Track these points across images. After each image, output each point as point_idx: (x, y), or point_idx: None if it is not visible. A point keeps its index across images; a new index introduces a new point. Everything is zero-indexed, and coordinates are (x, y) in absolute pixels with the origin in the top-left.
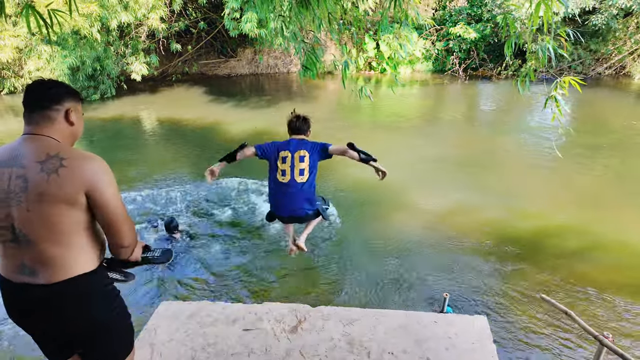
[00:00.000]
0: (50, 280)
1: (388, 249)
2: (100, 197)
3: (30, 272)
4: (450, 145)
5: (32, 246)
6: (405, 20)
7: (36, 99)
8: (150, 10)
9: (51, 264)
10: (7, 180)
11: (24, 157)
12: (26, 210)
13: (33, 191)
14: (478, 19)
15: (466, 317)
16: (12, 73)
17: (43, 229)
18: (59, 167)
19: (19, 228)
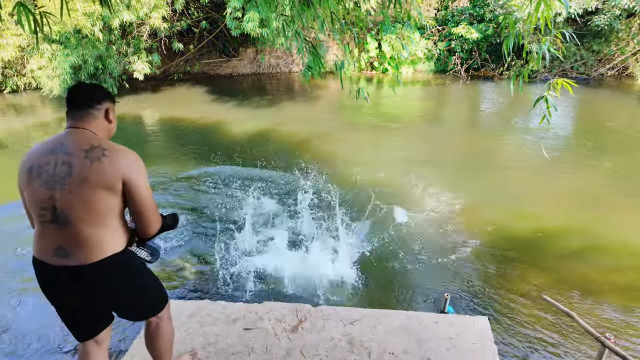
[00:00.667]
0: (86, 261)
1: (388, 249)
2: (134, 187)
3: (66, 254)
4: (452, 146)
5: (70, 227)
6: (408, 21)
7: (82, 99)
8: (152, 9)
9: (86, 245)
10: (53, 166)
11: (69, 146)
12: (69, 192)
13: (77, 176)
14: (480, 19)
15: (467, 318)
16: (14, 72)
17: (82, 211)
18: (101, 156)
19: (60, 209)
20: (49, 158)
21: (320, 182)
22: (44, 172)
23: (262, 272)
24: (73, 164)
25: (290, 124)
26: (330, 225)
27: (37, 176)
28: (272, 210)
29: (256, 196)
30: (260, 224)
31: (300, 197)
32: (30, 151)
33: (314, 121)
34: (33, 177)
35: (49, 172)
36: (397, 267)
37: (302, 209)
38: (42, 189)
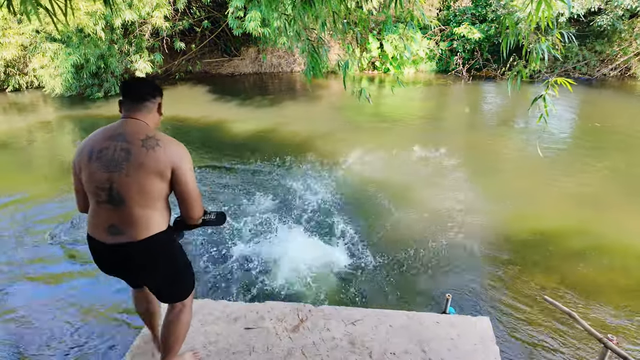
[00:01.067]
0: (135, 238)
1: (390, 249)
2: (181, 175)
3: (118, 232)
4: (452, 146)
5: (123, 207)
6: (411, 21)
7: (140, 92)
8: (155, 8)
9: (137, 224)
10: (112, 151)
11: (127, 135)
12: (126, 175)
13: (134, 161)
14: (482, 19)
15: (469, 318)
16: (16, 70)
17: (136, 193)
18: (155, 146)
19: (116, 190)
20: (108, 144)
21: (321, 181)
22: (103, 156)
23: (262, 271)
24: (131, 150)
25: (291, 123)
26: (331, 225)
27: (97, 159)
28: (273, 210)
29: (257, 195)
30: (260, 224)
31: (301, 196)
32: (90, 137)
33: (315, 121)
34: (92, 160)
35: (108, 157)
36: (397, 267)
37: (303, 209)
38: (100, 171)
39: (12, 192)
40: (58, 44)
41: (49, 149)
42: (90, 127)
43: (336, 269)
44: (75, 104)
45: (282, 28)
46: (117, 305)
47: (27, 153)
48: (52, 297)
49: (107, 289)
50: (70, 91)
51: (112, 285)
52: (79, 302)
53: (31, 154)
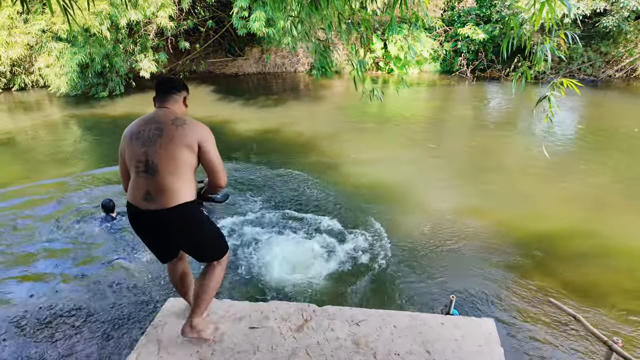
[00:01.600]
0: (166, 205)
1: (393, 249)
2: (207, 149)
3: (152, 199)
4: (456, 147)
5: (157, 176)
6: (416, 22)
7: (169, 87)
8: (159, 8)
9: (168, 192)
10: (148, 131)
11: (160, 118)
12: (159, 148)
13: (166, 136)
14: (487, 20)
15: (473, 320)
16: (22, 69)
17: (168, 163)
18: (183, 124)
19: (151, 161)
20: (145, 127)
21: (325, 182)
22: (141, 136)
23: (266, 271)
24: (163, 129)
25: (295, 123)
26: (334, 226)
27: (136, 139)
28: (276, 210)
29: (259, 196)
30: (263, 224)
31: (304, 197)
32: (131, 124)
33: (319, 121)
34: (133, 140)
35: (145, 136)
36: (401, 267)
37: (306, 210)
38: (139, 147)
39: (15, 182)
40: (64, 44)
41: (53, 147)
42: (94, 126)
43: (339, 269)
44: (80, 103)
45: (289, 29)
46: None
47: (31, 150)
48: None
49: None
50: (75, 90)
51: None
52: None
53: (35, 150)
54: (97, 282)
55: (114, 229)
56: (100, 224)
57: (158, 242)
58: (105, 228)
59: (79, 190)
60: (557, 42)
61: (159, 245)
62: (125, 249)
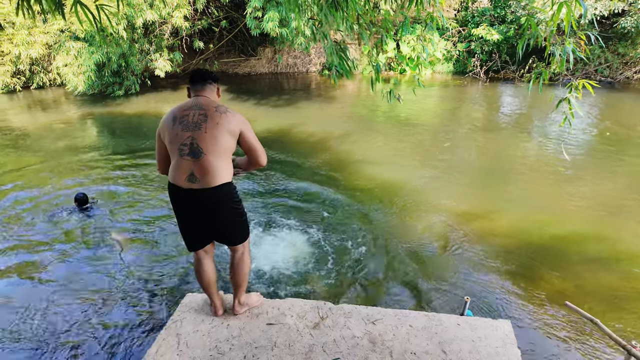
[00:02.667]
0: (209, 185)
1: (404, 251)
2: (246, 134)
3: (196, 180)
4: (470, 148)
5: (202, 158)
6: (430, 22)
7: (205, 78)
8: (175, 8)
9: (212, 173)
10: (192, 116)
11: (202, 104)
12: (204, 132)
13: (211, 121)
14: (501, 20)
15: (489, 321)
16: (41, 68)
17: (213, 146)
18: (226, 111)
19: (196, 144)
20: (187, 112)
21: (336, 182)
22: (185, 120)
23: (281, 269)
24: (208, 114)
25: (306, 123)
26: (345, 226)
27: (180, 123)
28: (286, 210)
29: (270, 196)
30: (273, 222)
31: (316, 197)
32: (172, 110)
33: (330, 121)
34: (176, 124)
35: (189, 120)
36: (415, 268)
37: (318, 210)
38: (183, 131)
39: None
40: (81, 43)
41: (69, 144)
42: (110, 124)
43: (350, 269)
44: (97, 101)
45: (302, 30)
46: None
47: (46, 146)
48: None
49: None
50: (92, 89)
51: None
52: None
53: (50, 147)
54: (115, 273)
55: (93, 219)
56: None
57: (197, 223)
58: (83, 219)
59: (92, 185)
60: (576, 43)
61: (197, 226)
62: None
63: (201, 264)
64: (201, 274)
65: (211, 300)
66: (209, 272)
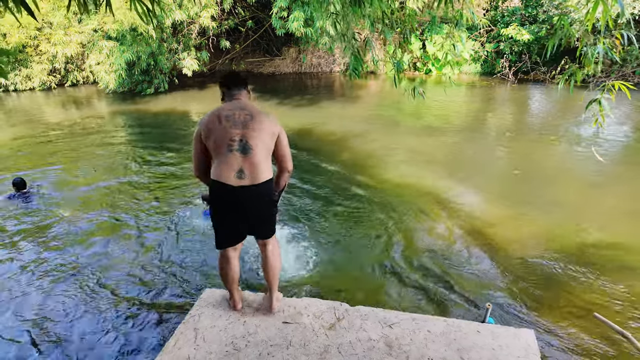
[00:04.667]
0: (256, 181)
1: (428, 254)
2: (283, 139)
3: (244, 176)
4: (497, 151)
5: (251, 155)
6: (460, 20)
7: (242, 81)
8: (203, 9)
9: (259, 170)
10: (238, 115)
11: (246, 106)
12: (252, 130)
13: (256, 121)
14: (533, 20)
15: (512, 330)
16: (75, 67)
17: (259, 144)
18: (268, 115)
19: (246, 140)
20: (232, 112)
21: (358, 183)
22: (231, 118)
23: (298, 267)
24: (253, 114)
25: (328, 123)
26: (364, 227)
27: (227, 121)
28: (309, 209)
29: (291, 194)
30: (296, 224)
31: (336, 196)
32: (216, 110)
33: (353, 121)
34: (222, 122)
35: (236, 119)
36: (436, 272)
37: (340, 210)
38: (232, 128)
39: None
40: (113, 42)
41: (99, 139)
42: (139, 120)
43: (370, 271)
44: (127, 99)
45: (326, 29)
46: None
47: (78, 141)
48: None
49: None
50: (122, 87)
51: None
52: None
53: (81, 141)
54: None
55: (33, 204)
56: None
57: (240, 219)
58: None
59: (116, 177)
60: (612, 43)
61: (239, 222)
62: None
63: (229, 262)
64: (228, 271)
65: (231, 295)
66: (235, 269)
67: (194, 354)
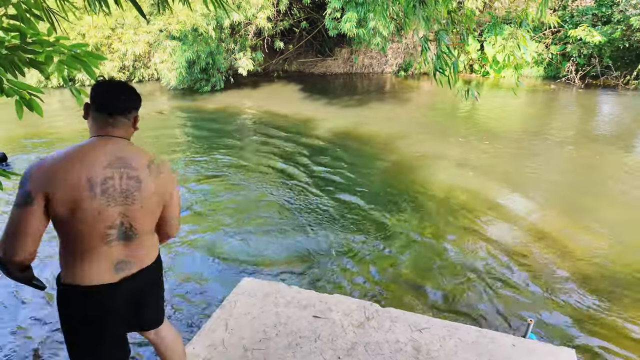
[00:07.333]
0: (143, 265)
1: (471, 262)
2: (172, 198)
3: (127, 265)
4: (557, 159)
5: (136, 240)
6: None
7: (117, 105)
8: (260, 10)
9: (145, 252)
10: (119, 181)
11: (132, 160)
12: (140, 207)
13: (146, 190)
14: (606, 20)
15: (551, 347)
16: (142, 64)
17: (148, 222)
18: (160, 173)
19: (130, 224)
20: (111, 172)
21: (403, 185)
22: (110, 187)
23: (335, 265)
24: (141, 178)
25: (376, 124)
26: (409, 230)
27: (102, 192)
28: (348, 210)
29: (332, 197)
30: (333, 227)
31: (380, 199)
32: (68, 155)
33: (402, 123)
34: (96, 192)
35: (116, 187)
36: (475, 280)
37: (382, 212)
38: (110, 206)
39: None
40: (176, 42)
41: (159, 132)
42: (195, 117)
43: (407, 273)
44: (186, 95)
45: (383, 30)
46: None
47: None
48: None
49: None
50: (182, 84)
51: None
52: None
53: (143, 134)
54: None
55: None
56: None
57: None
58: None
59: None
60: None
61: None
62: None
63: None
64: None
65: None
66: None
67: (228, 338)
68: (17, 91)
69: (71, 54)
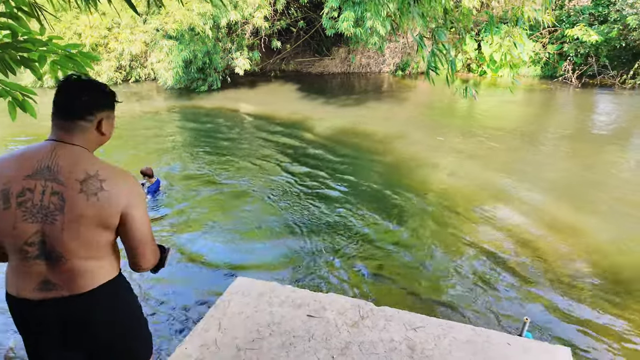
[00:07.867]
0: (76, 291)
1: (468, 260)
2: (131, 219)
3: (52, 287)
4: (554, 158)
5: (62, 262)
6: (521, 18)
7: (70, 106)
8: (256, 9)
9: (80, 277)
10: (40, 196)
11: (61, 172)
12: (60, 229)
13: (70, 212)
14: (603, 19)
15: (546, 346)
16: (138, 64)
17: (77, 247)
18: (99, 191)
19: (50, 244)
20: (32, 183)
21: (401, 183)
22: (28, 200)
23: (328, 264)
24: (66, 197)
25: (372, 123)
26: (406, 228)
27: (19, 205)
28: (344, 208)
29: (329, 192)
30: (329, 227)
31: (381, 197)
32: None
33: (398, 122)
34: (12, 206)
35: (35, 202)
36: (473, 280)
37: (380, 214)
38: (27, 222)
39: None
40: (173, 41)
41: (156, 131)
42: (192, 117)
43: (403, 272)
44: (183, 95)
45: (381, 29)
46: None
47: (137, 132)
48: None
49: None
50: (179, 84)
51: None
52: None
53: (141, 133)
54: None
55: None
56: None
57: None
58: None
59: (166, 166)
60: None
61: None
62: None
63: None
64: None
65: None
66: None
67: (221, 338)
68: (10, 92)
69: (65, 54)
